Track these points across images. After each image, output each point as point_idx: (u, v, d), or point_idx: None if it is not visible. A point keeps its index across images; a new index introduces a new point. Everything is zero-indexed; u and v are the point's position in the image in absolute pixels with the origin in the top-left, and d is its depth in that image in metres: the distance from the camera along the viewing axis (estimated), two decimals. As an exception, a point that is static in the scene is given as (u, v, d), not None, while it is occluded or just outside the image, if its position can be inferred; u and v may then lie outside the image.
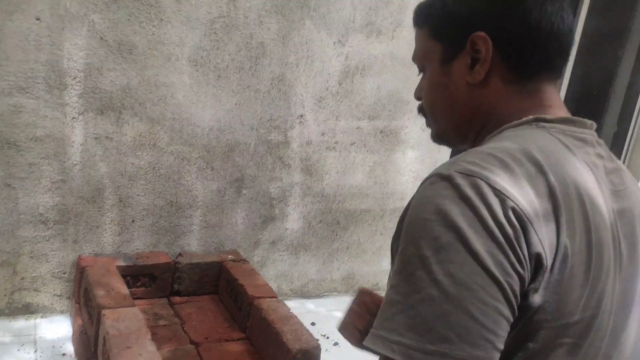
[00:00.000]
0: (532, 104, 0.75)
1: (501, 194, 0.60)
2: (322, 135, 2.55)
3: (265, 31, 2.24)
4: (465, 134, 0.83)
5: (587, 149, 0.73)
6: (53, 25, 1.79)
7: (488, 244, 0.58)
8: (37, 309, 2.05)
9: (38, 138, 1.86)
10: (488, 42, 0.74)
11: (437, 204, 0.61)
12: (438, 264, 0.58)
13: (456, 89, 0.80)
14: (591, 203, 0.67)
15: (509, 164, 0.63)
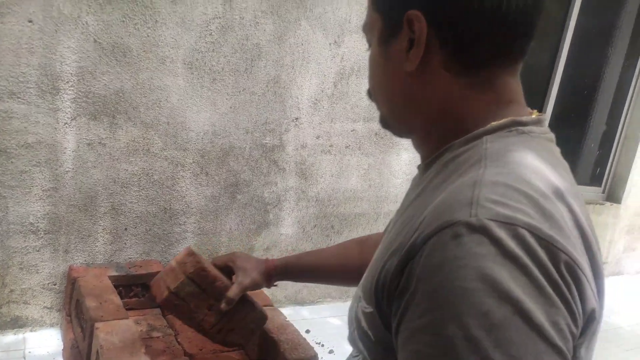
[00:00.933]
0: (490, 100, 0.64)
1: (550, 245, 0.50)
2: (317, 138, 2.51)
3: (261, 32, 2.19)
4: (412, 126, 0.71)
5: (554, 148, 0.66)
6: (46, 28, 1.71)
7: (548, 311, 0.48)
8: (27, 323, 1.97)
9: (29, 145, 1.78)
10: (422, 23, 0.61)
11: (478, 267, 0.48)
12: (496, 347, 0.46)
13: (394, 75, 0.68)
14: (587, 220, 0.60)
15: (537, 200, 0.52)
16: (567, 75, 3.78)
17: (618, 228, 4.48)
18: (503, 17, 0.60)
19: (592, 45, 3.95)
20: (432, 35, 0.62)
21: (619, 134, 4.35)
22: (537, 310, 0.47)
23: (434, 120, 0.67)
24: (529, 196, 0.52)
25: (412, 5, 0.62)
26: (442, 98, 0.65)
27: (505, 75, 0.64)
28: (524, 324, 0.47)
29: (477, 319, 0.47)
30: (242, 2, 2.10)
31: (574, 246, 0.52)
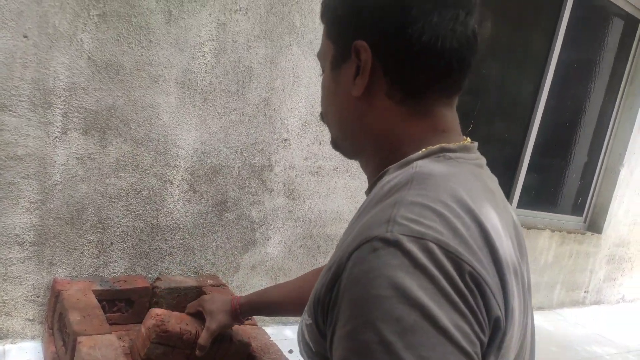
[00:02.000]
0: (424, 128, 0.70)
1: (456, 257, 0.55)
2: (305, 159, 2.55)
3: (253, 55, 2.24)
4: (358, 148, 0.78)
5: (484, 172, 0.71)
6: (40, 44, 1.75)
7: (454, 317, 0.52)
8: (7, 335, 1.96)
9: (19, 157, 1.80)
10: (368, 53, 0.68)
11: (390, 277, 0.53)
12: (407, 349, 0.50)
13: (343, 99, 0.74)
14: (506, 234, 0.65)
15: (449, 219, 0.58)
16: (549, 107, 3.87)
17: (599, 258, 4.54)
18: (438, 54, 0.66)
19: (574, 79, 4.06)
20: (377, 64, 0.68)
21: (599, 166, 4.45)
22: (443, 315, 0.51)
23: (376, 143, 0.72)
24: (442, 215, 0.57)
25: (360, 36, 0.68)
26: (383, 123, 0.71)
27: (441, 106, 0.71)
28: (432, 328, 0.51)
29: (389, 324, 0.51)
30: (235, 26, 2.16)
31: (479, 260, 0.56)
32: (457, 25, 0.66)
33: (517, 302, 0.62)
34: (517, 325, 0.62)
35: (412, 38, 0.65)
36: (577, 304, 4.52)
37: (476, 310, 0.54)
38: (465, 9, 0.68)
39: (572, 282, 4.37)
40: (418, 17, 0.65)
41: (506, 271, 0.60)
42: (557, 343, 3.47)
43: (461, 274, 0.54)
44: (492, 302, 0.56)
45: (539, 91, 3.77)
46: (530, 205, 4.06)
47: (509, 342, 0.60)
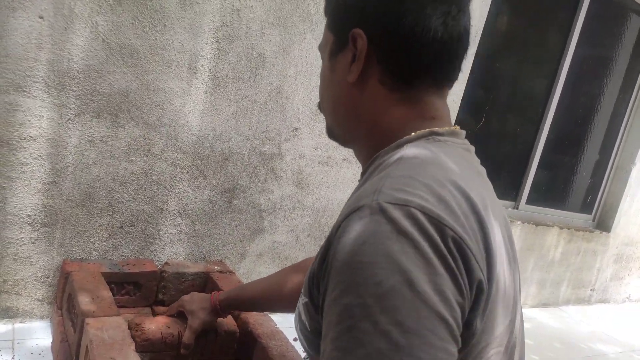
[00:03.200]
0: (414, 114, 0.73)
1: (439, 223, 0.57)
2: (316, 149, 2.54)
3: (266, 42, 2.24)
4: (352, 135, 0.81)
5: (473, 157, 0.74)
6: (56, 25, 1.75)
7: (434, 280, 0.54)
8: (17, 314, 1.98)
9: (32, 138, 1.81)
10: (363, 40, 0.72)
11: (374, 243, 0.55)
12: (383, 313, 0.52)
13: (338, 85, 0.77)
14: (495, 215, 0.67)
15: (435, 189, 0.60)
16: (562, 103, 3.84)
17: (606, 256, 4.52)
18: (429, 44, 0.70)
19: (589, 75, 4.02)
20: (372, 51, 0.72)
21: (610, 164, 4.41)
22: (422, 280, 0.53)
23: (368, 129, 0.76)
24: (427, 185, 0.60)
25: (357, 25, 0.72)
26: (374, 109, 0.75)
27: (431, 95, 0.74)
28: (410, 292, 0.53)
29: (369, 288, 0.54)
30: (249, 12, 2.15)
31: (463, 226, 0.59)
32: (449, 20, 0.70)
33: (504, 273, 0.64)
34: (502, 297, 0.64)
35: (406, 28, 0.69)
36: (583, 301, 4.50)
37: (457, 274, 0.56)
38: (458, 6, 0.72)
39: (578, 279, 4.36)
40: (412, 9, 0.69)
41: (492, 241, 0.62)
42: (562, 340, 3.47)
43: (444, 238, 0.56)
44: (474, 265, 0.58)
45: (553, 87, 3.74)
46: (540, 201, 4.04)
47: (494, 309, 0.62)
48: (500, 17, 3.34)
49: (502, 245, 0.66)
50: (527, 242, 3.77)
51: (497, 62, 3.46)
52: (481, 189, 0.67)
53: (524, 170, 3.84)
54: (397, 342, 0.51)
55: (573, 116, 4.03)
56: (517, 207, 3.87)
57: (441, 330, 0.53)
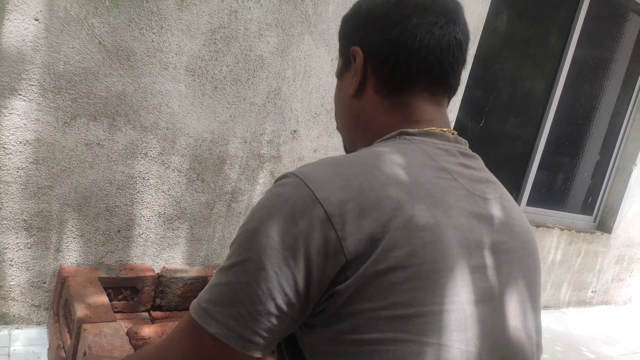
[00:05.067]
0: (400, 118, 0.78)
1: (311, 192, 0.62)
2: (314, 151, 2.52)
3: (264, 44, 2.22)
4: (355, 145, 0.85)
5: (449, 158, 0.73)
6: (51, 27, 1.73)
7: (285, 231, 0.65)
8: (13, 320, 1.96)
9: (28, 142, 1.79)
10: (360, 55, 0.79)
11: (257, 204, 0.69)
12: (224, 269, 0.66)
13: (344, 100, 0.84)
14: (443, 207, 0.66)
15: (338, 169, 0.65)
16: (562, 104, 3.82)
17: (607, 257, 4.50)
18: (416, 51, 0.75)
19: (589, 76, 4.01)
20: (368, 65, 0.79)
21: (611, 165, 4.40)
22: (273, 229, 0.61)
23: (363, 135, 0.81)
24: (334, 164, 0.66)
25: (355, 43, 0.80)
26: (369, 115, 0.80)
27: (421, 100, 0.78)
28: (254, 237, 0.62)
29: (231, 247, 0.65)
30: (247, 14, 2.13)
31: (344, 200, 0.61)
32: (435, 29, 0.75)
33: (443, 258, 0.63)
34: (429, 278, 0.62)
35: (393, 39, 0.75)
36: (584, 303, 4.48)
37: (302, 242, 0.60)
38: (446, 18, 0.76)
39: (579, 281, 4.33)
40: (399, 21, 0.75)
41: (405, 226, 0.62)
42: (563, 342, 3.44)
43: (308, 205, 0.61)
44: (332, 235, 0.60)
45: (553, 88, 3.72)
46: (540, 203, 4.02)
47: (398, 286, 0.61)
48: (500, 18, 3.33)
49: (449, 231, 0.65)
50: (527, 244, 3.75)
51: (497, 63, 3.44)
52: (426, 179, 0.68)
53: (524, 172, 3.82)
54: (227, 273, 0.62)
55: (573, 117, 4.01)
56: (518, 209, 3.85)
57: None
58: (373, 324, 0.60)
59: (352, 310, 0.61)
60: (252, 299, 0.60)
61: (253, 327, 0.60)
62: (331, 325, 0.62)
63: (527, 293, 0.74)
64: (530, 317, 0.75)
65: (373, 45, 0.78)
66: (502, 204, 0.76)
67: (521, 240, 0.75)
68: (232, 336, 0.60)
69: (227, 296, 0.61)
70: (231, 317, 0.60)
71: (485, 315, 0.67)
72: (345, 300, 0.60)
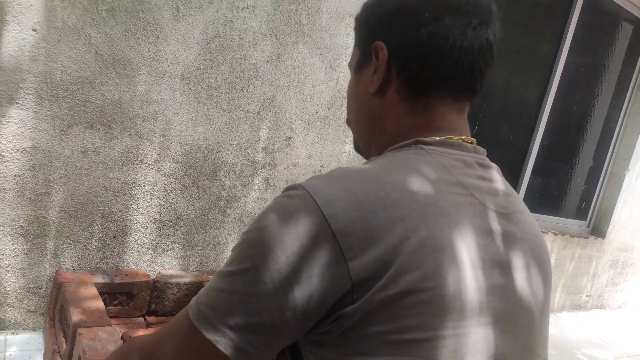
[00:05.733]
0: (420, 124, 0.74)
1: (315, 203, 0.61)
2: (309, 158, 2.55)
3: (259, 53, 2.25)
4: (369, 145, 0.82)
5: (466, 170, 0.70)
6: (49, 37, 1.76)
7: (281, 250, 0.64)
8: (9, 325, 1.98)
9: (25, 149, 1.81)
10: (384, 52, 0.74)
11: (263, 212, 0.68)
12: (222, 275, 0.66)
13: (361, 97, 0.80)
14: (445, 218, 0.63)
15: (346, 184, 0.63)
16: (555, 110, 3.86)
17: (602, 262, 4.54)
18: (447, 53, 0.71)
19: (581, 83, 4.05)
20: (392, 63, 0.74)
21: (604, 170, 4.44)
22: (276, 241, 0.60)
23: (379, 137, 0.77)
24: (342, 179, 0.63)
25: (379, 38, 0.75)
26: (388, 117, 0.76)
27: (443, 106, 0.74)
28: (259, 245, 0.61)
29: (232, 252, 0.64)
30: (242, 24, 2.17)
31: (353, 219, 0.59)
32: (469, 31, 0.70)
33: (458, 279, 0.61)
34: (441, 301, 0.60)
35: (423, 38, 0.71)
36: (578, 307, 4.51)
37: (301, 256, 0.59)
38: (479, 19, 0.72)
39: (574, 285, 4.37)
40: (430, 20, 0.70)
41: (418, 249, 0.60)
42: (557, 346, 3.47)
43: (313, 219, 0.59)
44: (338, 257, 0.58)
45: (545, 94, 3.76)
46: (534, 208, 4.05)
47: (411, 310, 0.59)
48: (492, 25, 3.36)
49: (463, 251, 0.63)
50: (521, 249, 3.78)
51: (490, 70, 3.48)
52: (441, 196, 0.65)
53: (517, 177, 3.86)
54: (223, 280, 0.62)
55: (566, 123, 4.05)
56: (512, 214, 3.88)
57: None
58: (382, 348, 0.59)
59: (360, 334, 0.59)
60: (249, 311, 0.59)
61: (248, 338, 0.60)
62: (338, 347, 0.61)
63: (539, 311, 0.72)
64: (541, 337, 0.73)
65: (400, 43, 0.73)
66: (518, 218, 0.73)
67: (534, 257, 0.73)
68: (227, 344, 0.59)
69: (225, 303, 0.60)
70: (227, 325, 0.60)
71: (497, 337, 0.64)
72: (353, 323, 0.59)
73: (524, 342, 0.69)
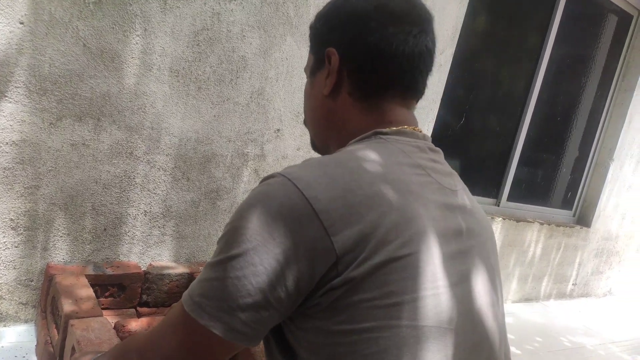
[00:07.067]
0: (374, 120, 0.82)
1: (298, 189, 0.65)
2: (298, 150, 2.57)
3: (247, 45, 2.26)
4: (326, 144, 0.90)
5: (421, 154, 0.79)
6: (36, 30, 1.76)
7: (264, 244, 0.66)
8: (1, 318, 1.99)
9: (14, 142, 1.82)
10: (336, 57, 0.82)
11: (244, 202, 0.72)
12: (211, 265, 0.70)
13: (316, 99, 0.88)
14: (421, 201, 0.72)
15: (325, 168, 0.69)
16: (541, 101, 3.91)
17: (587, 251, 4.61)
18: (392, 57, 0.80)
19: (567, 74, 4.09)
20: (343, 67, 0.83)
21: (589, 160, 4.50)
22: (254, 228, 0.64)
23: (338, 134, 0.85)
24: (319, 165, 0.70)
25: (332, 45, 0.83)
26: (343, 116, 0.85)
27: (392, 104, 0.83)
28: (245, 231, 0.64)
29: (219, 241, 0.68)
30: (230, 16, 2.18)
31: (332, 198, 0.65)
32: (410, 38, 0.79)
33: (427, 249, 0.69)
34: (415, 268, 0.67)
35: (371, 45, 0.79)
36: (564, 296, 4.59)
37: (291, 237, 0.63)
38: (419, 28, 0.81)
39: (560, 274, 4.44)
40: (376, 28, 0.79)
41: (394, 221, 0.67)
42: (543, 333, 3.54)
43: (294, 200, 0.64)
44: (316, 230, 0.63)
45: (531, 86, 3.81)
46: (521, 198, 4.11)
47: (395, 274, 0.65)
48: (478, 18, 3.40)
49: (428, 222, 0.71)
50: (508, 238, 3.84)
51: (476, 62, 3.52)
52: (406, 176, 0.73)
53: (504, 168, 3.91)
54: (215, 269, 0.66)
55: (552, 114, 4.10)
56: (499, 204, 3.93)
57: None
58: (369, 313, 0.64)
59: (348, 302, 0.64)
60: (242, 293, 0.63)
61: (243, 318, 0.63)
62: (327, 318, 0.65)
63: (493, 272, 0.82)
64: (497, 292, 0.83)
65: (350, 49, 0.81)
66: (465, 194, 0.84)
67: (483, 226, 0.83)
68: (223, 327, 0.63)
69: (218, 290, 0.64)
70: (222, 310, 0.63)
71: (463, 295, 0.73)
72: (341, 293, 0.64)
73: (487, 299, 0.78)
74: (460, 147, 3.61)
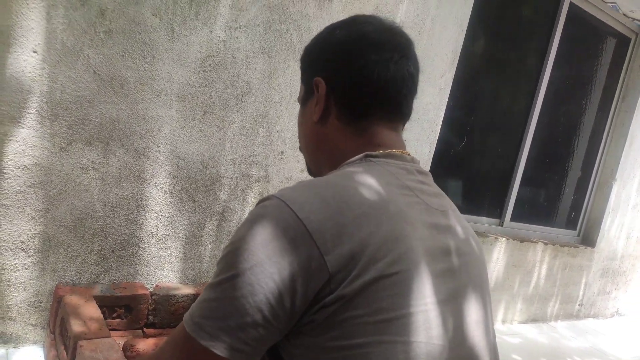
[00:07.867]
0: (362, 143, 0.86)
1: (293, 213, 0.68)
2: (302, 172, 2.62)
3: (251, 71, 2.33)
4: (318, 168, 0.94)
5: (409, 176, 0.83)
6: (49, 59, 1.83)
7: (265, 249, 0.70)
8: (10, 339, 2.02)
9: (25, 166, 1.88)
10: (323, 85, 0.88)
11: (242, 226, 0.74)
12: (211, 286, 0.72)
13: (307, 126, 0.93)
14: (413, 222, 0.75)
15: (317, 191, 0.72)
16: (542, 123, 3.95)
17: (592, 271, 4.59)
18: (375, 82, 0.85)
19: (567, 95, 4.14)
20: (330, 94, 0.88)
21: (592, 180, 4.52)
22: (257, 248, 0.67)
23: (329, 158, 0.90)
24: (310, 187, 0.73)
25: (319, 74, 0.88)
26: (333, 140, 0.89)
27: (382, 127, 0.88)
28: (242, 252, 0.67)
29: (219, 264, 0.70)
30: (235, 43, 2.25)
31: (324, 219, 0.68)
32: (391, 64, 0.85)
33: (418, 266, 0.72)
34: (407, 283, 0.70)
35: (354, 72, 0.85)
36: (571, 316, 4.56)
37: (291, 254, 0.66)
38: (400, 54, 0.86)
39: (566, 294, 4.42)
40: (359, 56, 0.84)
41: (383, 240, 0.70)
42: (550, 355, 3.52)
43: (290, 224, 0.67)
44: (312, 249, 0.66)
45: (532, 107, 3.86)
46: (524, 218, 4.12)
47: (383, 291, 0.68)
48: (477, 41, 3.47)
49: (416, 242, 0.74)
50: (512, 258, 3.84)
51: (476, 85, 3.58)
52: (394, 197, 0.76)
53: (507, 188, 3.93)
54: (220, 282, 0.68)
55: (553, 134, 4.14)
56: (502, 224, 3.95)
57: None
58: (360, 329, 0.66)
59: (341, 319, 0.66)
60: (241, 312, 0.65)
61: (242, 337, 0.66)
62: (321, 334, 0.67)
63: (482, 290, 0.84)
64: (488, 309, 0.85)
65: (336, 77, 0.87)
66: (454, 214, 0.86)
67: (470, 245, 0.86)
68: (224, 347, 0.65)
69: (218, 311, 0.66)
70: (222, 329, 0.65)
71: (452, 312, 0.75)
72: (334, 310, 0.66)
73: (476, 317, 0.80)
74: (463, 167, 3.65)
